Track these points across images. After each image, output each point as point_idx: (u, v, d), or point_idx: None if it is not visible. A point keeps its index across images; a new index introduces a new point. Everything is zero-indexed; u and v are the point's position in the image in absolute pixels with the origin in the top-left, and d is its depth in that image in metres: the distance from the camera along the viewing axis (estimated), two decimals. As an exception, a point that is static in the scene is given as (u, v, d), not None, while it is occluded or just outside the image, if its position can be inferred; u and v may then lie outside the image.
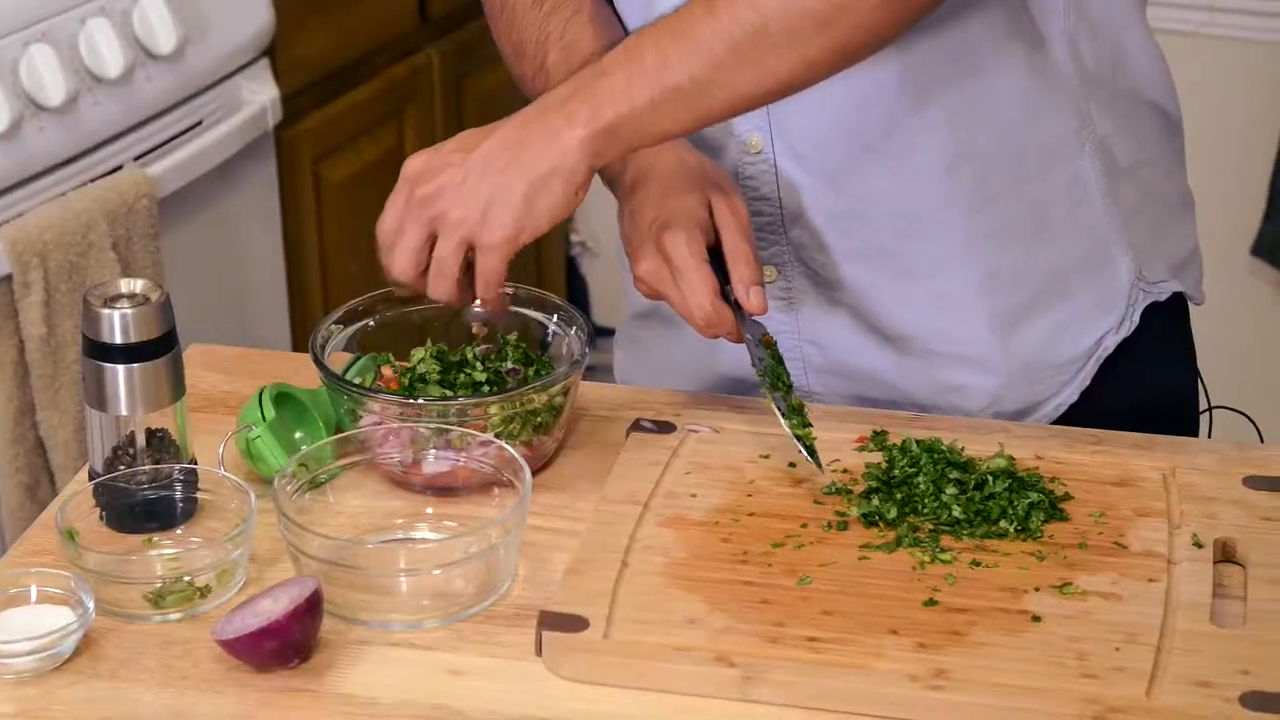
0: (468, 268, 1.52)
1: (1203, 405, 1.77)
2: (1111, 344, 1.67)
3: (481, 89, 3.26)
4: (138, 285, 1.48)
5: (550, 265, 3.57)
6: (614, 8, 1.70)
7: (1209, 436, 1.75)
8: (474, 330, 1.65)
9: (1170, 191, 1.73)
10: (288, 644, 1.35)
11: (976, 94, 1.59)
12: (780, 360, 1.54)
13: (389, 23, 3.04)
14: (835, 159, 1.61)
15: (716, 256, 1.54)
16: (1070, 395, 1.67)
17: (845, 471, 1.53)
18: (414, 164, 1.51)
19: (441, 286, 1.51)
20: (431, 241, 1.50)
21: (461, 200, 1.49)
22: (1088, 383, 1.67)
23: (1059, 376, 1.67)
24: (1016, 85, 1.59)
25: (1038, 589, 1.40)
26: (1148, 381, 1.70)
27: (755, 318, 1.53)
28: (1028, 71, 1.59)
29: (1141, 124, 1.68)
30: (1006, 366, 1.66)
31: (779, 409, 1.52)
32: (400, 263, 1.50)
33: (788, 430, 1.51)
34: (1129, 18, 1.66)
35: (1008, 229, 1.63)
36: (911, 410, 1.65)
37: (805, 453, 1.50)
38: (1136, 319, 1.67)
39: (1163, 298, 1.69)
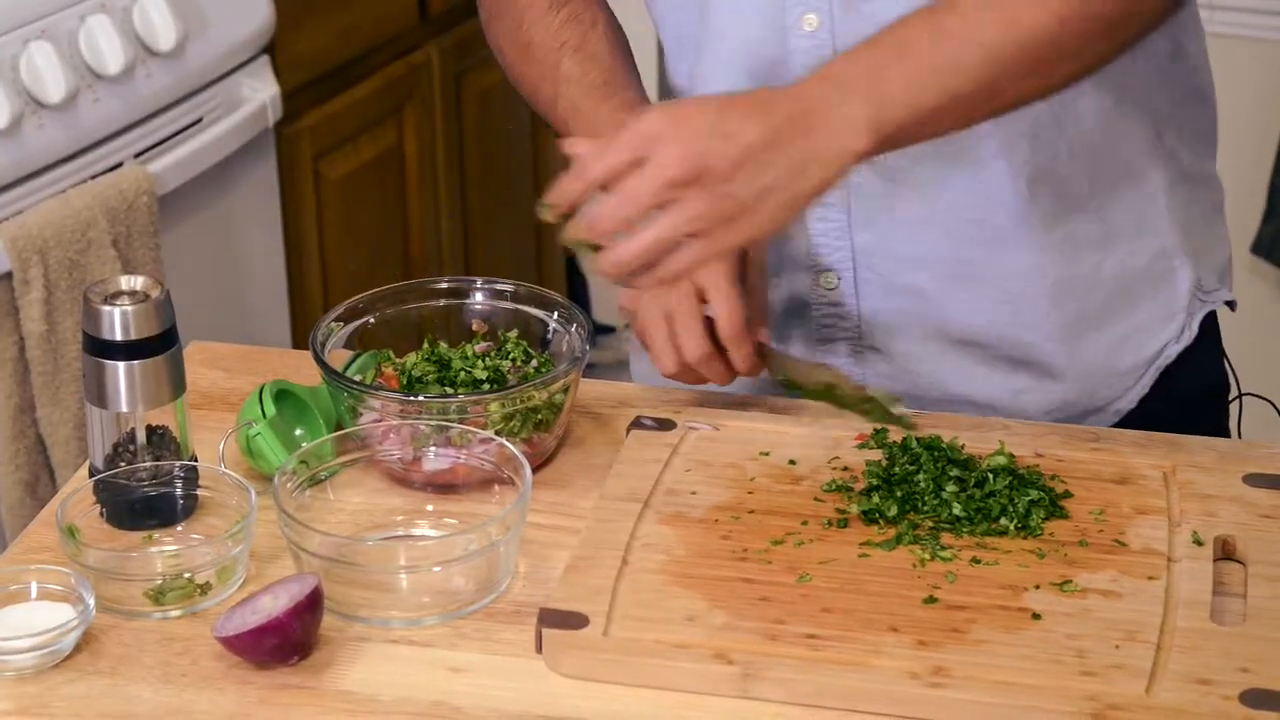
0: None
1: (1232, 392, 1.77)
2: (1173, 353, 1.68)
3: (481, 86, 3.26)
4: (138, 282, 1.48)
5: (550, 262, 3.57)
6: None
7: (1239, 424, 1.75)
8: (474, 327, 1.65)
9: (1215, 195, 1.73)
10: (288, 641, 1.35)
11: (1061, 110, 1.58)
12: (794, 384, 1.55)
13: (389, 20, 3.04)
14: (914, 167, 1.60)
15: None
16: (1129, 402, 1.68)
17: (845, 469, 1.53)
18: (653, 125, 1.39)
19: (615, 269, 1.41)
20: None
21: (718, 199, 1.38)
22: (1146, 390, 1.68)
23: (1121, 383, 1.68)
24: (1098, 102, 1.60)
25: (1038, 587, 1.40)
26: (1195, 382, 1.71)
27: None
28: (1110, 87, 1.59)
29: (1201, 126, 1.69)
30: (1072, 373, 1.66)
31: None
32: (613, 216, 1.40)
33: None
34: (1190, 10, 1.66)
35: (1079, 240, 1.63)
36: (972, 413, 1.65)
37: (880, 419, 1.52)
38: (1195, 329, 1.69)
39: (1216, 306, 1.70)
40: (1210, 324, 1.72)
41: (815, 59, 1.57)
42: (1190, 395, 1.71)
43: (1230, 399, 1.76)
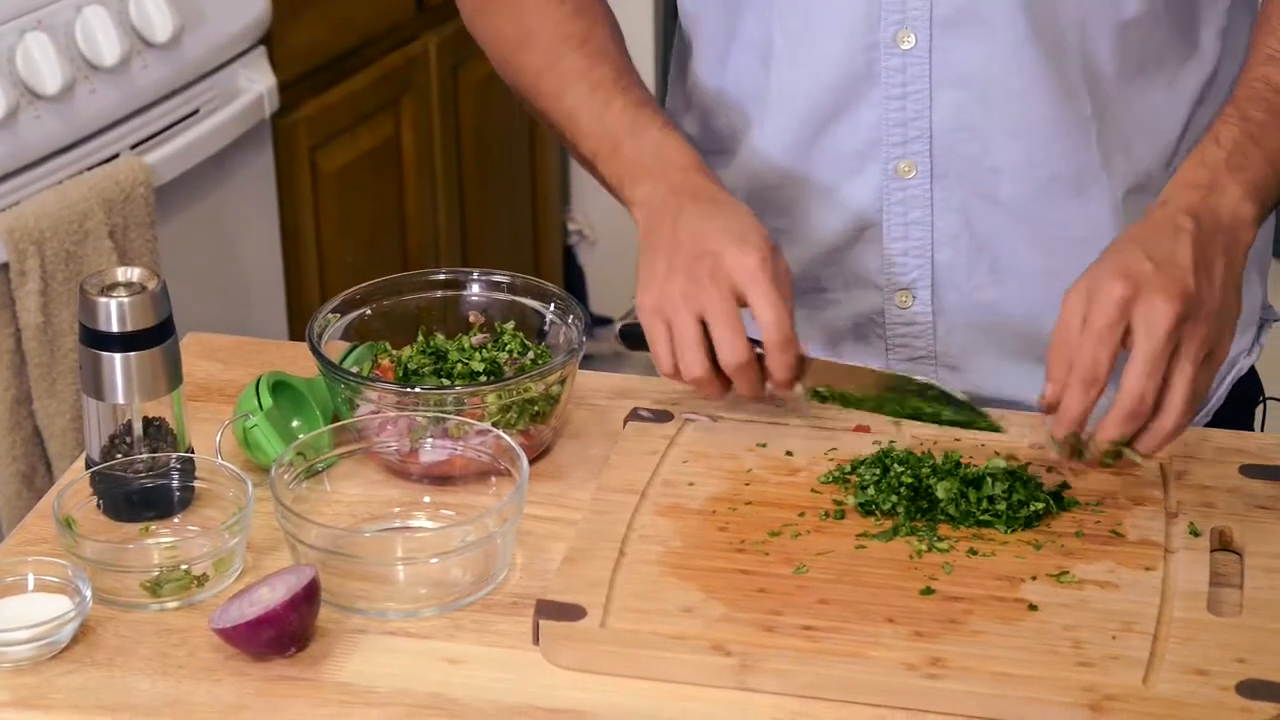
0: None
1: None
2: (1245, 365, 1.70)
3: (477, 77, 3.25)
4: (134, 274, 1.48)
5: (548, 254, 3.57)
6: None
7: (1262, 428, 1.75)
8: (470, 319, 1.65)
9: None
10: (285, 633, 1.35)
11: (1153, 122, 1.59)
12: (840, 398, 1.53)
13: (385, 11, 3.04)
14: (1013, 187, 1.60)
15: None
16: (1205, 415, 1.69)
17: (843, 461, 1.53)
18: (1162, 318, 1.41)
19: (1181, 427, 1.41)
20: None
21: (1209, 329, 1.42)
22: (1222, 402, 1.69)
23: None
24: (1183, 113, 1.61)
25: (1034, 578, 1.40)
26: (1235, 391, 1.71)
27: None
28: (1194, 99, 1.61)
29: None
30: None
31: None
32: (1100, 358, 1.40)
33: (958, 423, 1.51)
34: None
35: None
36: None
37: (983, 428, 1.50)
38: (1265, 341, 1.70)
39: (1272, 321, 1.72)
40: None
41: (909, 76, 1.58)
42: (1226, 403, 1.72)
43: (1258, 402, 1.76)
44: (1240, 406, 1.73)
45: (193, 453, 1.52)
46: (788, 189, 1.64)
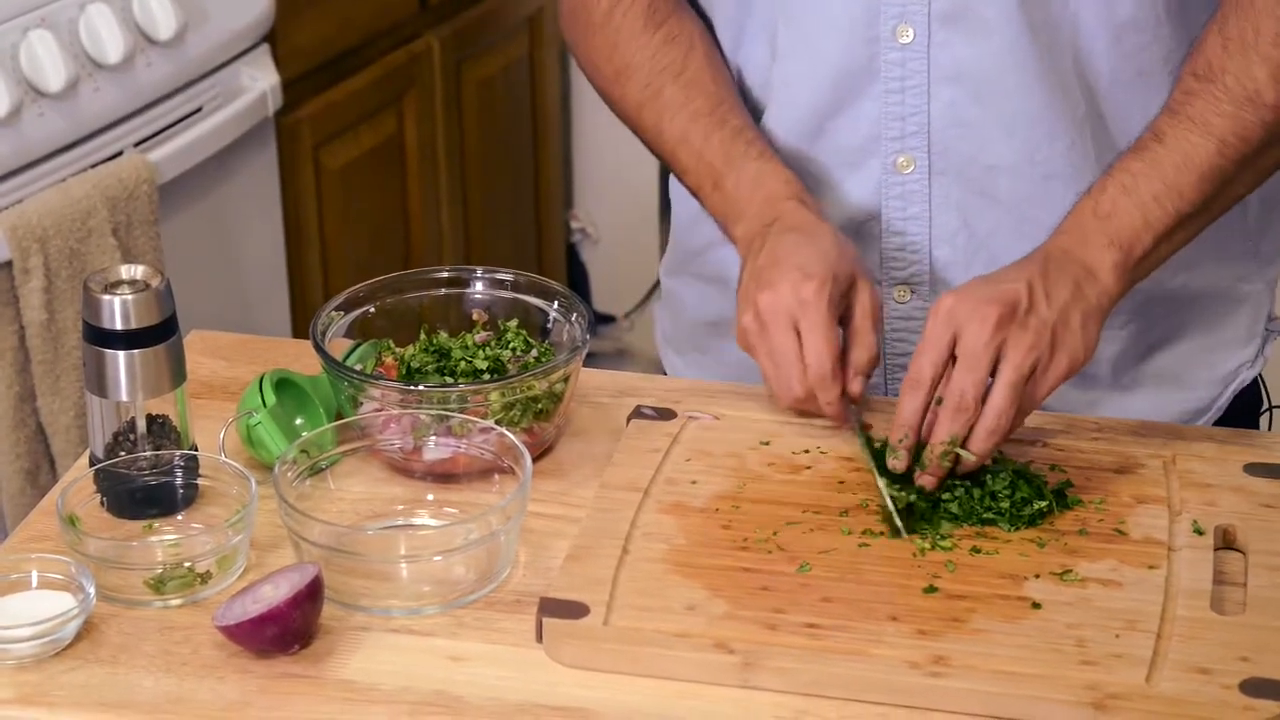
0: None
1: (1262, 405, 1.78)
2: (1248, 377, 1.70)
3: (480, 75, 3.26)
4: (138, 271, 1.48)
5: (551, 252, 3.57)
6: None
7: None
8: (474, 317, 1.65)
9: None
10: (288, 630, 1.35)
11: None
12: (869, 444, 1.52)
13: (388, 9, 3.04)
14: (998, 181, 1.61)
15: None
16: (1206, 424, 1.69)
17: (847, 459, 1.53)
18: (962, 300, 1.47)
19: (997, 435, 1.45)
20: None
21: (1036, 326, 1.47)
22: (1223, 412, 1.69)
23: (1194, 400, 1.69)
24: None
25: (1038, 576, 1.40)
26: (1236, 402, 1.72)
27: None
28: None
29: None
30: (1143, 386, 1.67)
31: (874, 467, 1.50)
32: (974, 381, 1.45)
33: (882, 489, 1.48)
34: None
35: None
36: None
37: (894, 513, 1.47)
38: (1269, 353, 1.70)
39: (1275, 334, 1.72)
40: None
41: (907, 71, 1.58)
42: (1229, 414, 1.72)
43: (1261, 411, 1.76)
44: (1244, 417, 1.73)
45: (196, 450, 1.52)
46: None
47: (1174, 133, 1.52)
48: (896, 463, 1.47)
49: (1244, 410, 1.73)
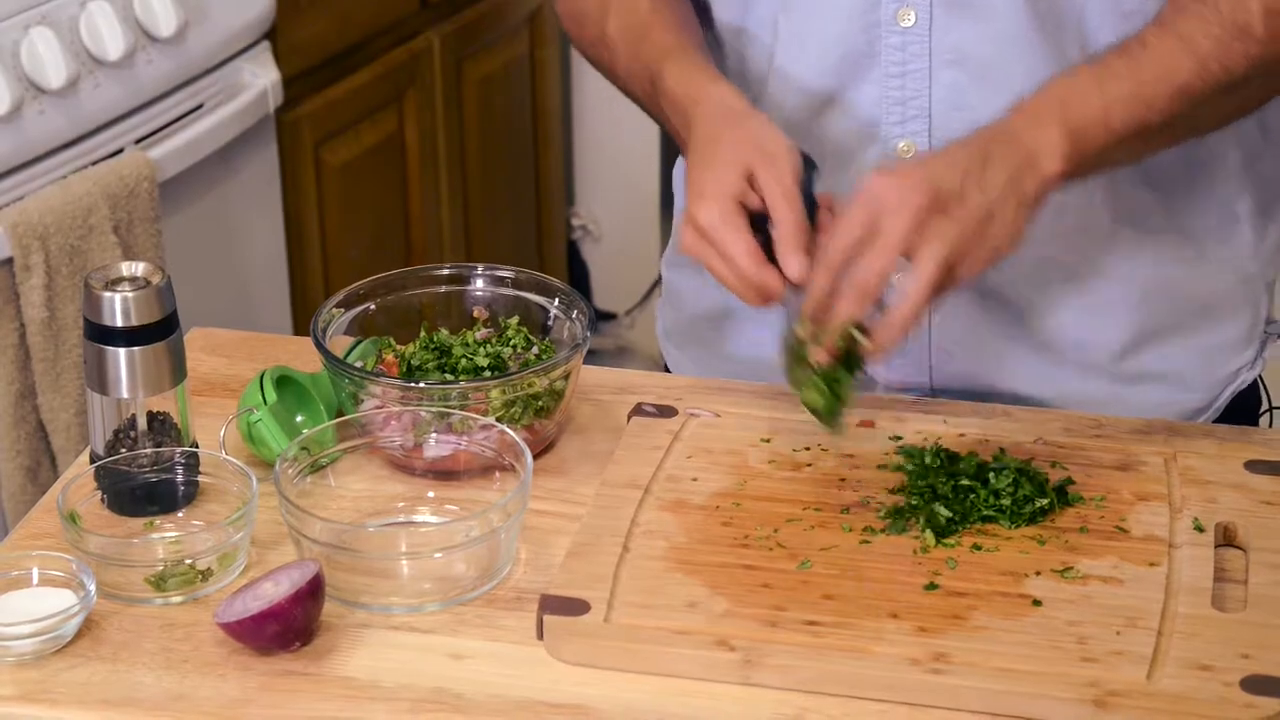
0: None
1: (1262, 406, 1.78)
2: (1247, 379, 1.69)
3: (481, 72, 3.25)
4: (139, 268, 1.48)
5: (551, 249, 3.57)
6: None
7: None
8: (475, 314, 1.65)
9: None
10: (289, 627, 1.35)
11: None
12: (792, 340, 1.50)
13: (389, 6, 3.04)
14: None
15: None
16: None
17: (848, 455, 1.53)
18: (890, 183, 1.44)
19: (909, 322, 1.42)
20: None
21: (964, 215, 1.43)
22: (1220, 413, 1.69)
23: (1191, 400, 1.68)
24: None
25: (1038, 573, 1.40)
26: (1234, 405, 1.71)
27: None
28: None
29: None
30: (1143, 382, 1.66)
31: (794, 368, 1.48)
32: (878, 268, 1.42)
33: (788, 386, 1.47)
34: None
35: (1167, 253, 1.64)
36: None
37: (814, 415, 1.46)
38: (1267, 355, 1.69)
39: (1274, 336, 1.72)
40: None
41: (909, 55, 1.58)
42: (1226, 415, 1.71)
43: (1261, 411, 1.76)
44: (1244, 417, 1.73)
45: (197, 447, 1.52)
46: None
47: (1159, 43, 1.50)
48: (816, 355, 1.45)
49: (1244, 410, 1.73)
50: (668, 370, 1.82)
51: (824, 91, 1.62)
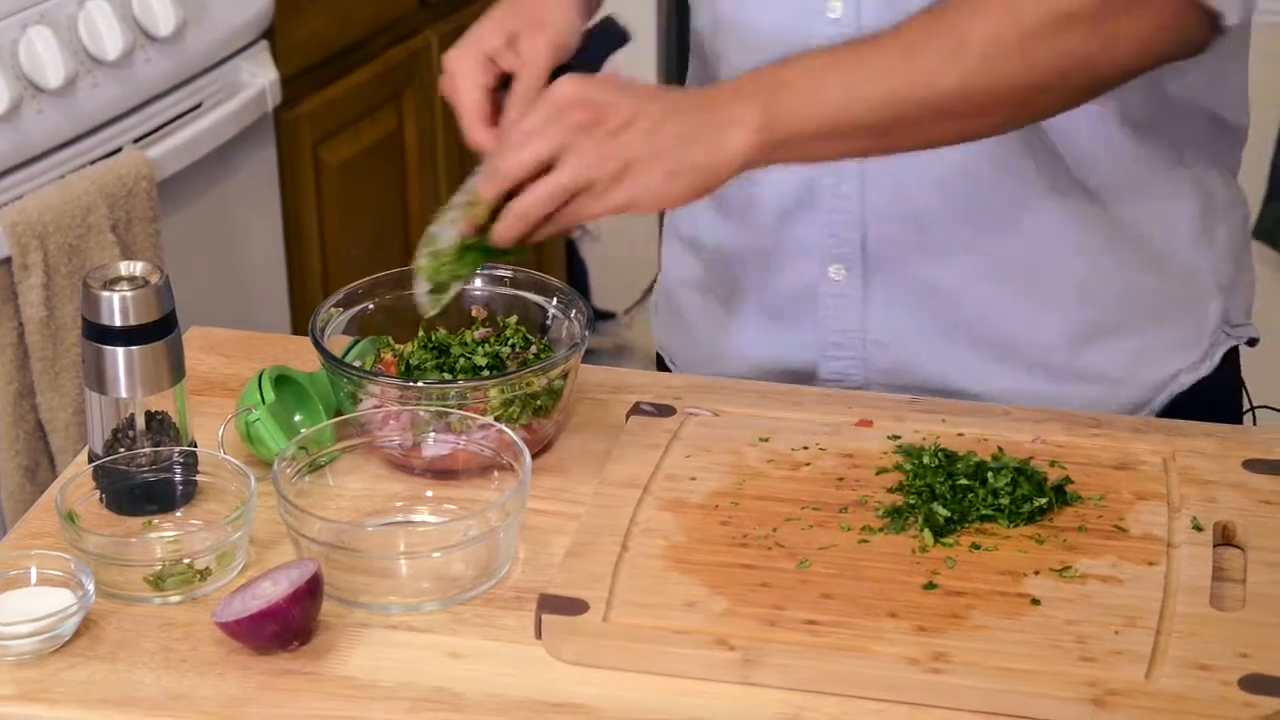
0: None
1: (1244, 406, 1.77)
2: (1187, 381, 1.68)
3: (481, 71, 3.25)
4: (137, 268, 1.48)
5: (550, 248, 3.56)
6: None
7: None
8: (473, 313, 1.65)
9: (1245, 226, 1.73)
10: (288, 627, 1.35)
11: (1088, 109, 1.57)
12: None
13: (388, 5, 3.03)
14: (943, 166, 1.60)
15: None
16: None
17: (847, 455, 1.53)
18: (568, 90, 1.46)
19: (520, 222, 1.45)
20: (544, 168, 1.45)
21: (610, 148, 1.43)
22: (1155, 415, 1.68)
23: (1129, 398, 1.67)
24: (1103, 123, 1.60)
25: (1037, 572, 1.40)
26: (1209, 414, 1.68)
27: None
28: (1115, 118, 1.59)
29: (1234, 158, 1.68)
30: (1082, 378, 1.66)
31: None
32: (513, 163, 1.45)
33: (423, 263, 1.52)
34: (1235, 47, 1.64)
35: (1106, 254, 1.63)
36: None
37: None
38: (1217, 360, 1.68)
39: (1242, 340, 1.70)
40: (1234, 354, 1.72)
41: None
42: (1164, 416, 1.70)
43: (1244, 411, 1.76)
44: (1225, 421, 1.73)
45: (195, 447, 1.52)
46: None
47: (892, 41, 1.46)
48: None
49: (1226, 409, 1.72)
50: (659, 358, 1.83)
51: None
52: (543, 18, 1.57)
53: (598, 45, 1.59)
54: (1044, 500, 1.46)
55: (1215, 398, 1.70)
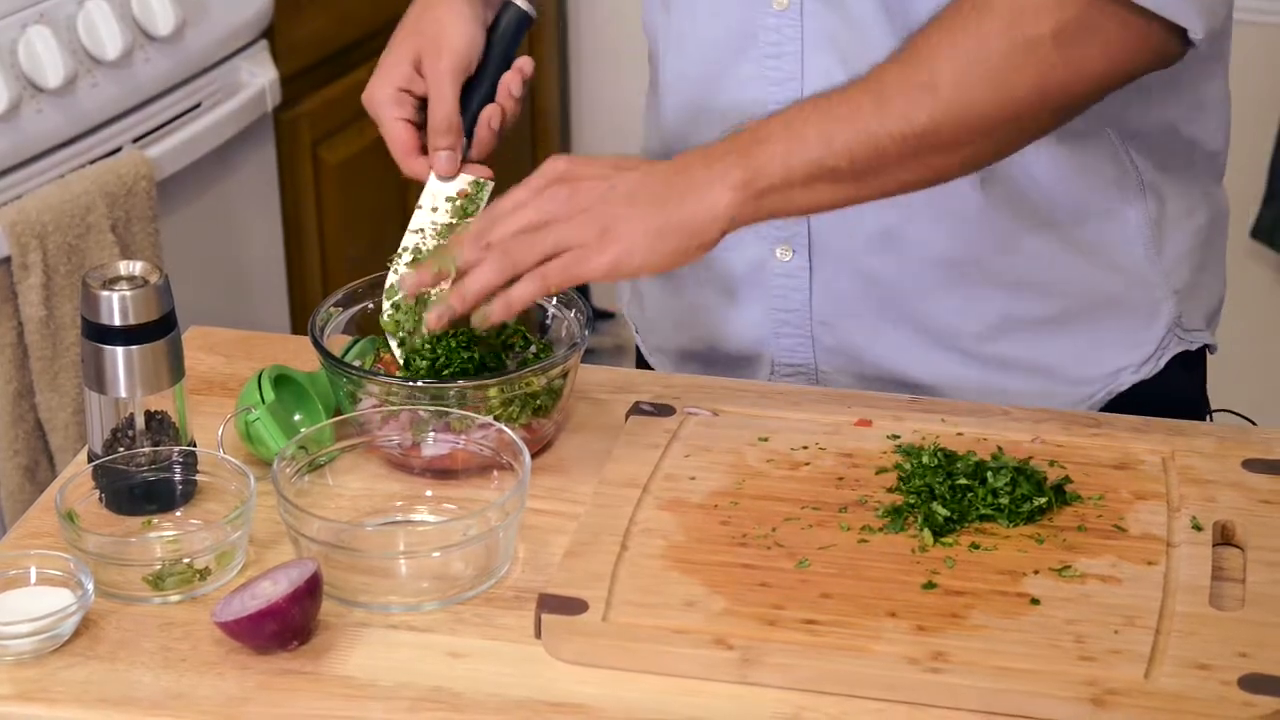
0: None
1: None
2: (1128, 381, 1.67)
3: (480, 71, 3.25)
4: (137, 267, 1.48)
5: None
6: None
7: None
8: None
9: (1217, 238, 1.72)
10: (287, 626, 1.35)
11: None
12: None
13: (387, 4, 3.02)
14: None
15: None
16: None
17: (847, 454, 1.53)
18: (559, 165, 1.50)
19: (490, 273, 1.47)
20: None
21: (592, 212, 1.46)
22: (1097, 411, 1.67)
23: (1071, 394, 1.67)
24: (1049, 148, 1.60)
25: (1036, 572, 1.40)
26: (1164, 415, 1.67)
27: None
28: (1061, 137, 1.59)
29: (1199, 173, 1.68)
30: (1021, 368, 1.66)
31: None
32: (502, 232, 1.48)
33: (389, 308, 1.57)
34: (1209, 66, 1.64)
35: (1043, 248, 1.63)
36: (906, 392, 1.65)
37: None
38: (1163, 364, 1.68)
39: (1194, 347, 1.69)
40: (1194, 360, 1.71)
41: (783, 37, 1.60)
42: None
43: (1202, 417, 1.75)
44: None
45: (195, 446, 1.52)
46: (689, 140, 1.64)
47: (863, 87, 1.48)
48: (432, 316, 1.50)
49: (1177, 417, 1.72)
50: (639, 354, 1.83)
51: (711, 67, 1.66)
52: (440, 39, 1.63)
53: (503, 38, 1.64)
54: (1043, 500, 1.46)
55: (1162, 402, 1.67)
